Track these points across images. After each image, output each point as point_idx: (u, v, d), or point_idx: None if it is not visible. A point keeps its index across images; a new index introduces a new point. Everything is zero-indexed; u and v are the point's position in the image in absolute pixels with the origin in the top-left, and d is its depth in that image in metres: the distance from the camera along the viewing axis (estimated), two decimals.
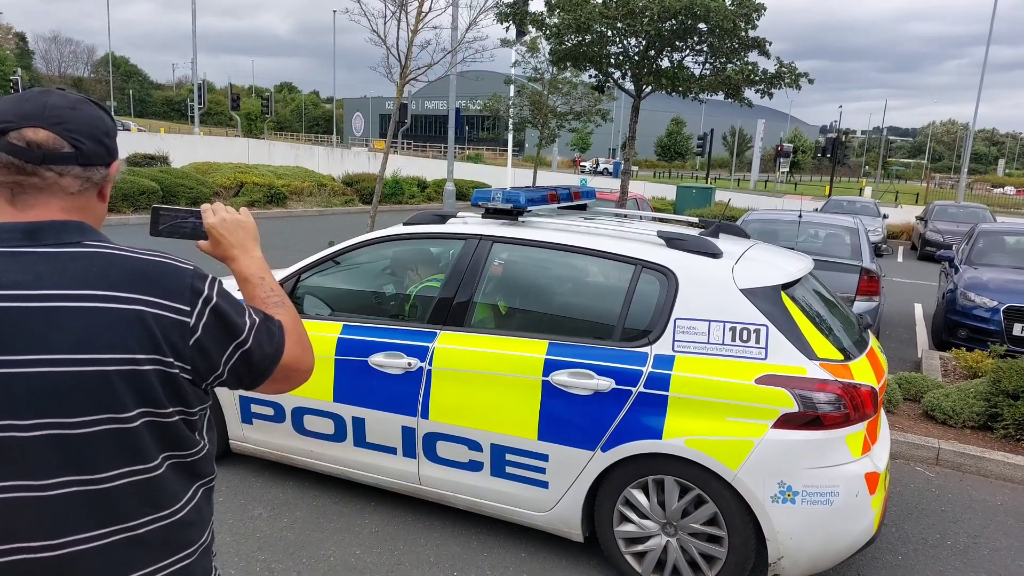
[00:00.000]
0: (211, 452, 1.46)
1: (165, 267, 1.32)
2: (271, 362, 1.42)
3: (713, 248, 3.56)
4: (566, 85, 24.11)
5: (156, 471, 1.32)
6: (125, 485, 1.29)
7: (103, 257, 1.28)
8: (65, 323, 1.21)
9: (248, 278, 1.55)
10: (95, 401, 1.23)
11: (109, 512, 1.28)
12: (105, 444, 1.25)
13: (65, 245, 1.27)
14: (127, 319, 1.24)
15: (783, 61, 13.75)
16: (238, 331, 1.37)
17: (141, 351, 1.25)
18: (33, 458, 1.21)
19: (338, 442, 4.05)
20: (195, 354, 1.31)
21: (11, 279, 1.21)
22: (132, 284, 1.27)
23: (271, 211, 19.83)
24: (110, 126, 1.38)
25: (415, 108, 73.59)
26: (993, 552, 4.15)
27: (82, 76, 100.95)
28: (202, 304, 1.32)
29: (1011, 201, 43.95)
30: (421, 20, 11.22)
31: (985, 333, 7.95)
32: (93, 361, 1.22)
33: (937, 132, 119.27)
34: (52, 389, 1.20)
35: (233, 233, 1.58)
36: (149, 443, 1.30)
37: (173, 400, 1.31)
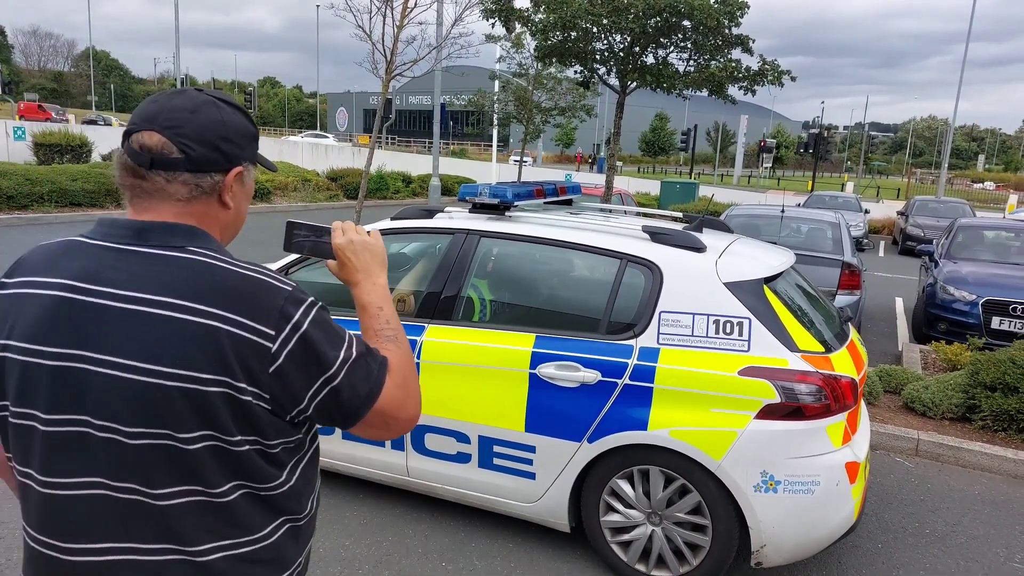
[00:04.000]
0: (301, 489, 1.35)
1: (258, 284, 1.23)
2: (363, 404, 1.29)
3: (697, 243, 3.61)
4: (551, 81, 24.15)
5: (223, 498, 1.24)
6: (183, 505, 1.22)
7: (196, 265, 1.22)
8: (139, 329, 1.18)
9: (366, 306, 1.45)
10: (154, 414, 1.18)
11: (163, 530, 1.23)
12: (160, 460, 1.20)
13: (169, 248, 1.23)
14: (197, 334, 1.17)
15: (766, 58, 13.87)
16: (327, 364, 1.24)
17: (207, 370, 1.17)
18: (100, 456, 1.21)
19: (327, 435, 4.08)
20: (274, 383, 1.21)
21: (109, 276, 1.21)
22: (215, 297, 1.19)
23: (255, 206, 19.75)
24: (232, 131, 1.30)
25: (399, 103, 73.41)
26: (970, 540, 4.24)
27: (62, 70, 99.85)
28: (290, 330, 1.21)
29: (990, 196, 44.43)
30: (406, 16, 11.22)
31: (964, 326, 8.07)
32: (157, 373, 1.17)
33: (918, 128, 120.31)
34: (117, 395, 1.18)
35: (359, 256, 1.48)
36: (213, 468, 1.22)
37: (243, 428, 1.22)
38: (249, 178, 1.36)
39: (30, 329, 1.22)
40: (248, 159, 1.34)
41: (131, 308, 1.18)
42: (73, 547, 1.25)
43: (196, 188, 1.27)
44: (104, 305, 1.19)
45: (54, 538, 1.26)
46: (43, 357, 1.21)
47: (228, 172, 1.30)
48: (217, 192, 1.29)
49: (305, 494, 1.37)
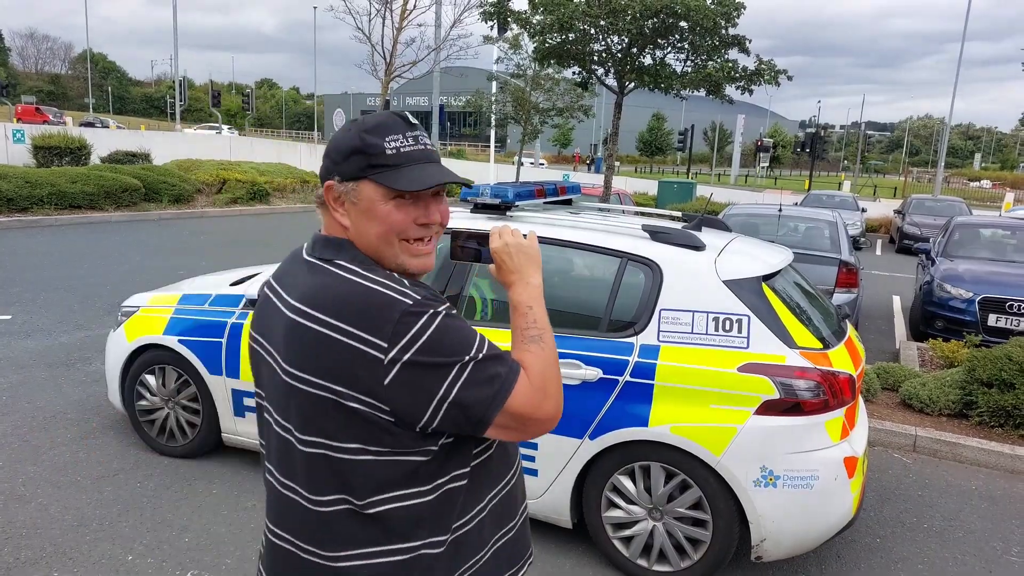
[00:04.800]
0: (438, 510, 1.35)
1: (377, 297, 1.26)
2: (490, 408, 1.28)
3: (696, 241, 3.66)
4: (548, 81, 24.20)
5: (321, 507, 1.32)
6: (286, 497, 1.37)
7: (329, 277, 1.30)
8: (282, 329, 1.31)
9: (517, 306, 1.46)
10: (285, 406, 1.32)
11: (317, 536, 1.33)
12: (283, 449, 1.35)
13: (318, 258, 1.36)
14: (313, 339, 1.25)
15: (762, 58, 13.92)
16: (447, 373, 1.25)
17: (317, 374, 1.25)
18: (277, 454, 1.38)
19: None
20: (392, 394, 1.24)
21: (286, 280, 1.39)
22: (337, 310, 1.25)
23: (254, 208, 19.78)
24: (331, 147, 1.36)
25: (397, 104, 73.43)
26: (968, 534, 4.28)
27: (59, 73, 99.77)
28: (406, 342, 1.23)
29: (987, 195, 44.54)
30: (406, 18, 11.26)
31: (961, 324, 8.13)
32: (286, 371, 1.29)
33: (914, 127, 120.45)
34: (272, 382, 1.35)
35: (514, 258, 1.50)
36: (317, 471, 1.30)
37: (354, 435, 1.27)
38: (360, 198, 1.34)
39: (254, 319, 1.47)
40: (342, 174, 1.35)
41: (281, 309, 1.33)
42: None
43: (319, 199, 1.40)
44: (274, 304, 1.37)
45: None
46: (254, 341, 1.44)
47: (324, 184, 1.38)
48: (329, 207, 1.38)
49: (445, 516, 1.36)
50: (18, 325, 7.35)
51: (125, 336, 4.68)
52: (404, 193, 1.32)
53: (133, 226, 15.40)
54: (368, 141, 1.32)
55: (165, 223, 16.34)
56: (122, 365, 4.67)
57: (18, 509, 3.91)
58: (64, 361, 6.35)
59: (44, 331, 7.20)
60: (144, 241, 13.39)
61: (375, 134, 1.32)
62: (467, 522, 1.39)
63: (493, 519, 1.45)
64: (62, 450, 4.64)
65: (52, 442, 4.74)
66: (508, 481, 1.50)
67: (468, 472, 1.38)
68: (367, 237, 1.35)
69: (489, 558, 1.45)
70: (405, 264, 1.37)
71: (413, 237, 1.36)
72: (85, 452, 4.63)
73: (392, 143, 1.33)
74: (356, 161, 1.33)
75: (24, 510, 3.90)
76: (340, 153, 1.35)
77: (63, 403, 5.41)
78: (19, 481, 4.21)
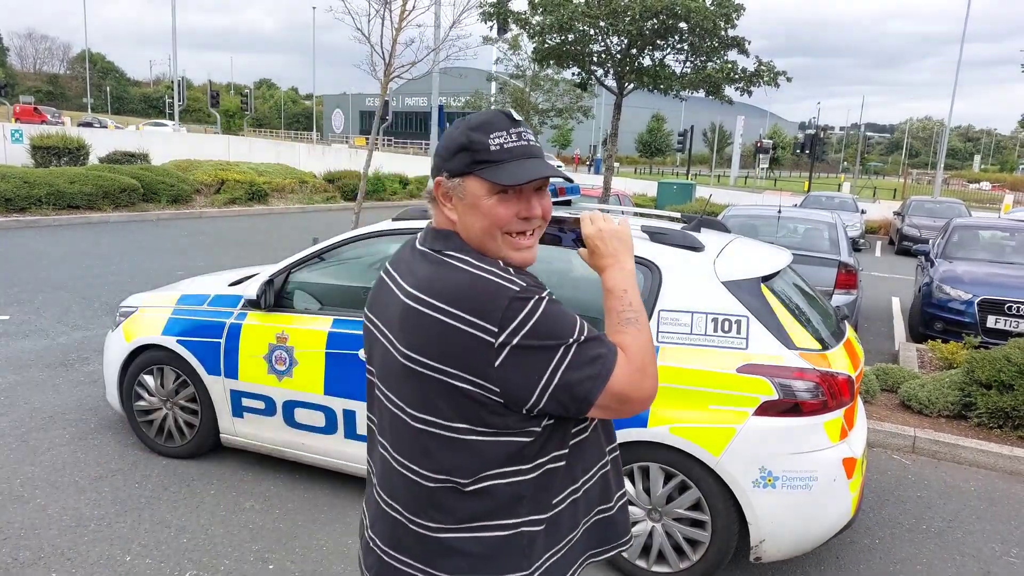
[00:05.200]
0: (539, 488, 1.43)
1: (486, 284, 1.33)
2: (593, 388, 1.34)
3: (695, 242, 3.66)
4: (547, 82, 24.22)
5: (428, 481, 1.40)
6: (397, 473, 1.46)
7: (442, 266, 1.38)
8: (397, 312, 1.39)
9: (612, 289, 1.51)
10: (396, 385, 1.41)
11: (425, 509, 1.42)
12: (396, 426, 1.44)
13: (431, 249, 1.43)
14: (428, 324, 1.32)
15: (762, 59, 13.93)
16: (552, 355, 1.32)
17: (432, 357, 1.33)
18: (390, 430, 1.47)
19: (329, 434, 4.11)
20: (502, 376, 1.31)
21: (400, 267, 1.47)
22: (448, 296, 1.32)
23: (253, 208, 19.77)
24: (440, 144, 1.44)
25: (396, 105, 73.43)
26: (967, 535, 4.28)
27: (58, 73, 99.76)
28: (515, 326, 1.30)
29: (986, 196, 44.58)
30: (405, 18, 11.25)
31: (960, 325, 8.13)
32: (400, 352, 1.38)
33: (914, 128, 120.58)
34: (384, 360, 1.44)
35: (608, 243, 1.55)
36: (430, 448, 1.38)
37: (463, 416, 1.35)
38: (467, 193, 1.40)
39: (368, 301, 1.57)
40: (450, 171, 1.41)
41: (396, 294, 1.42)
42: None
43: (429, 197, 1.48)
44: (390, 288, 1.46)
45: None
46: (368, 320, 1.54)
47: (434, 181, 1.45)
48: (438, 201, 1.45)
49: (544, 494, 1.43)
50: (16, 325, 7.34)
51: (123, 336, 4.67)
52: (507, 188, 1.37)
53: (131, 226, 15.39)
54: (473, 138, 1.37)
55: (163, 223, 16.33)
56: (120, 365, 4.67)
57: (16, 509, 3.90)
58: (62, 361, 6.34)
59: (42, 331, 7.19)
60: (142, 241, 13.38)
61: (480, 131, 1.38)
62: (562, 500, 1.46)
63: (587, 500, 1.52)
64: (60, 450, 4.63)
65: (50, 442, 4.73)
66: (603, 465, 1.57)
67: (566, 453, 1.45)
68: (472, 230, 1.41)
69: (581, 536, 1.53)
70: (508, 257, 1.42)
71: (516, 231, 1.41)
72: (83, 452, 4.62)
73: (496, 139, 1.37)
74: (462, 158, 1.39)
75: (22, 510, 3.90)
76: (448, 151, 1.41)
77: (61, 403, 5.40)
78: (17, 482, 4.21)
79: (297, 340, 4.10)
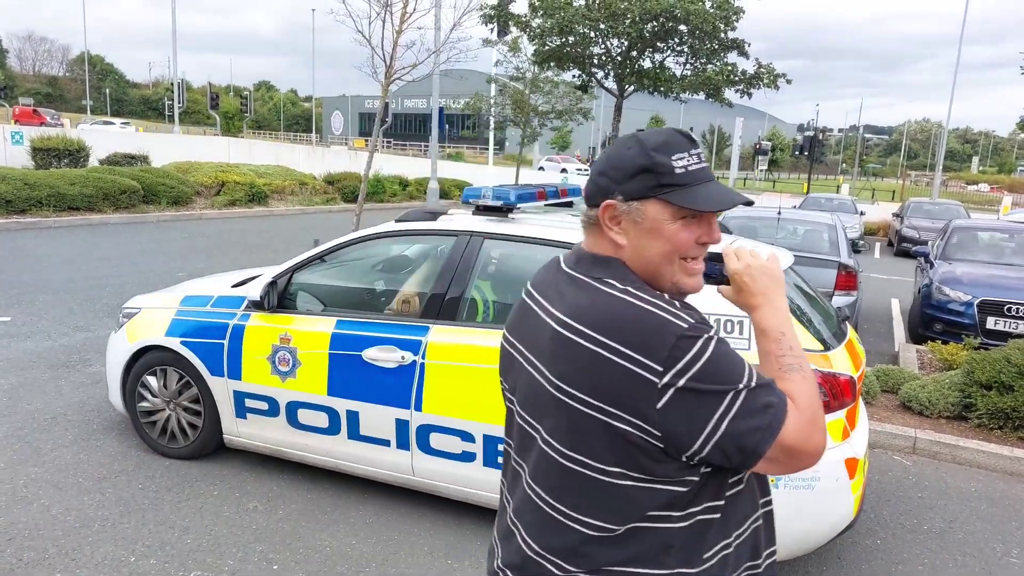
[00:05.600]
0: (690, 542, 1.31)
1: (652, 318, 1.23)
2: (763, 440, 1.23)
3: None
4: (547, 84, 24.25)
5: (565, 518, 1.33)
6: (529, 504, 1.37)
7: (601, 295, 1.28)
8: (547, 340, 1.32)
9: (767, 331, 1.39)
10: (539, 412, 1.33)
11: (569, 552, 1.33)
12: (532, 449, 1.35)
13: (585, 275, 1.35)
14: (584, 357, 1.24)
15: (762, 62, 13.96)
16: (718, 402, 1.21)
17: (585, 391, 1.24)
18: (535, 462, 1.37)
19: (332, 435, 4.13)
20: (664, 420, 1.21)
21: (549, 293, 1.39)
22: (610, 329, 1.23)
23: (253, 210, 19.78)
24: (609, 164, 1.34)
25: (395, 106, 73.42)
26: (968, 535, 4.30)
27: (57, 75, 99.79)
28: (681, 367, 1.19)
29: (984, 198, 44.64)
30: (405, 21, 11.28)
31: (960, 326, 8.14)
32: (550, 382, 1.29)
33: (912, 130, 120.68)
34: (527, 386, 1.37)
35: (757, 280, 1.44)
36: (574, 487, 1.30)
37: (618, 458, 1.26)
38: (644, 217, 1.32)
39: (508, 322, 1.52)
40: (626, 193, 1.32)
41: (545, 319, 1.34)
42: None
43: (588, 219, 1.39)
44: (535, 312, 1.39)
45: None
46: (507, 343, 1.49)
47: (598, 207, 1.35)
48: (602, 225, 1.36)
49: (695, 547, 1.32)
50: (18, 327, 7.35)
51: (127, 337, 4.68)
52: (693, 212, 1.31)
53: (132, 228, 15.40)
54: (657, 160, 1.30)
55: (163, 225, 16.33)
56: (123, 366, 4.68)
57: (20, 510, 3.91)
58: (64, 363, 6.35)
59: (44, 333, 7.20)
60: (143, 243, 13.39)
61: (662, 152, 1.31)
62: (714, 555, 1.34)
63: (737, 556, 1.39)
64: (63, 451, 4.64)
65: (53, 443, 4.74)
66: (755, 519, 1.44)
67: (722, 504, 1.34)
68: (647, 256, 1.33)
69: None
70: (681, 283, 1.36)
71: (691, 256, 1.35)
72: (86, 453, 4.63)
73: (679, 161, 1.31)
74: (644, 180, 1.30)
75: (26, 511, 3.91)
76: (623, 172, 1.32)
77: (64, 405, 5.41)
78: (21, 483, 4.22)
79: (300, 341, 4.12)
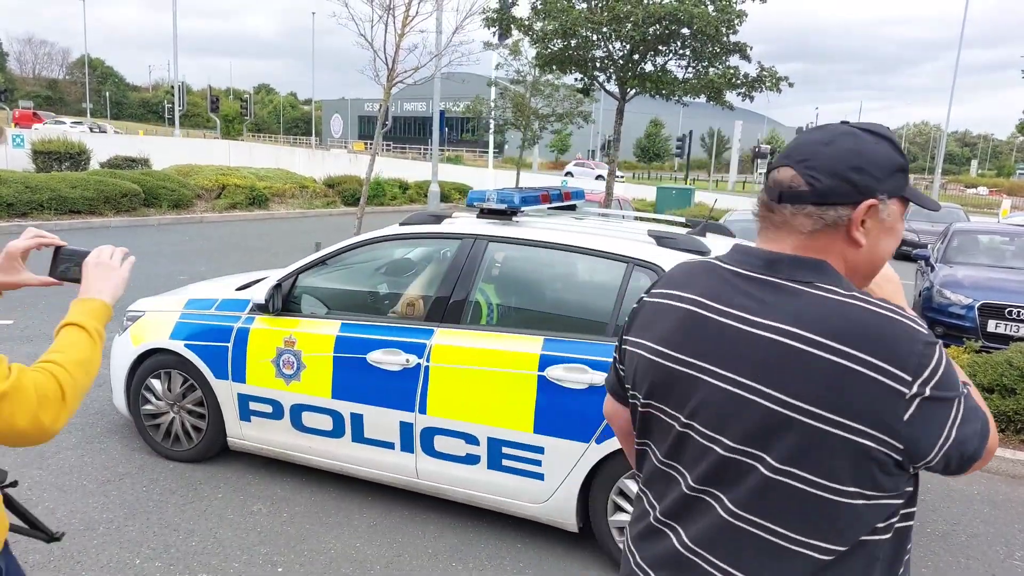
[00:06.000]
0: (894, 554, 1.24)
1: (896, 326, 1.15)
2: (980, 445, 1.20)
3: (701, 246, 3.68)
4: (548, 87, 24.29)
5: (791, 543, 1.21)
6: (750, 533, 1.23)
7: (829, 302, 1.19)
8: (763, 353, 1.20)
9: None
10: (755, 434, 1.20)
11: (766, 570, 1.23)
12: (740, 475, 1.22)
13: (795, 281, 1.23)
14: (824, 369, 1.14)
15: (764, 65, 13.99)
16: (951, 409, 1.16)
17: (826, 407, 1.14)
18: (730, 480, 1.24)
19: (336, 438, 4.13)
20: (909, 431, 1.13)
21: (740, 302, 1.26)
22: (850, 337, 1.15)
23: (253, 213, 19.79)
24: (867, 160, 1.23)
25: (395, 110, 73.54)
26: (971, 538, 4.30)
27: (57, 78, 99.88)
28: (927, 375, 1.13)
29: (984, 201, 44.68)
30: (408, 24, 11.30)
31: (961, 330, 8.15)
32: (774, 399, 1.18)
33: (911, 133, 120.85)
34: (725, 408, 1.23)
35: (883, 288, 1.43)
36: (796, 509, 1.19)
37: (854, 477, 1.16)
38: (890, 215, 1.26)
39: (662, 334, 1.34)
40: (888, 192, 1.24)
41: (757, 333, 1.21)
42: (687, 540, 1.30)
43: (819, 221, 1.24)
44: (727, 324, 1.25)
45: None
46: (668, 360, 1.31)
47: (857, 205, 1.23)
48: (844, 226, 1.24)
49: (896, 559, 1.26)
50: (20, 330, 7.35)
51: (131, 340, 4.69)
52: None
53: (133, 231, 15.40)
54: (903, 158, 1.27)
55: (164, 228, 16.34)
56: (128, 369, 4.68)
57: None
58: None
59: (46, 336, 7.20)
60: (144, 246, 13.39)
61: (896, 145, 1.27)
62: (903, 564, 1.29)
63: (907, 567, 1.33)
64: (67, 454, 4.65)
65: (57, 446, 4.74)
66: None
67: (915, 511, 1.29)
68: (878, 255, 1.29)
69: None
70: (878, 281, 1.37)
71: None
72: (90, 456, 4.64)
73: None
74: (900, 178, 1.25)
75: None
76: (885, 170, 1.24)
77: None
78: (25, 485, 4.22)
79: (305, 344, 4.12)
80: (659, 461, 1.36)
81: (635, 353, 1.39)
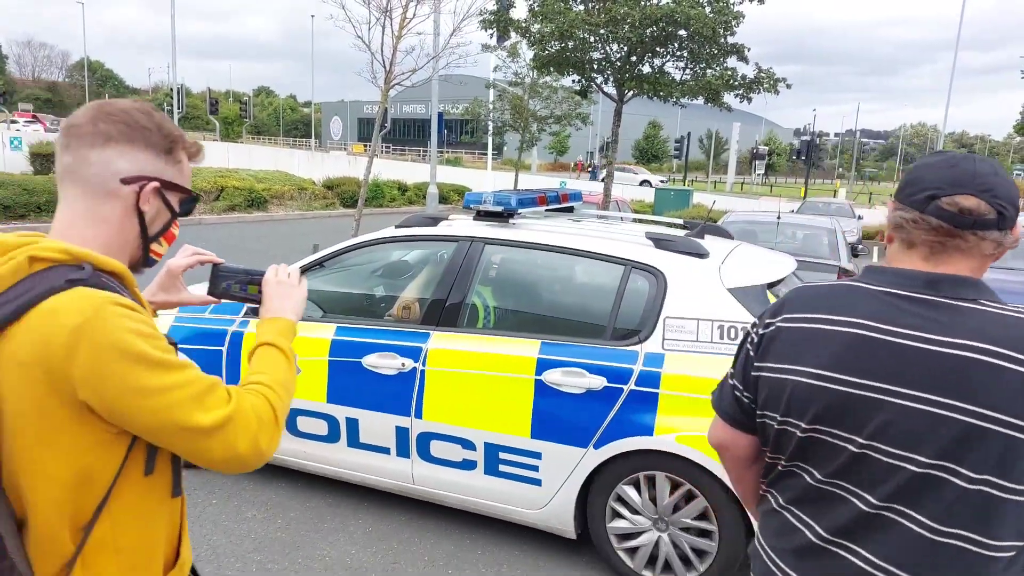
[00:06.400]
0: None
1: None
2: None
3: (700, 249, 3.64)
4: (546, 89, 24.27)
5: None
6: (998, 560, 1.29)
7: (1005, 317, 1.31)
8: (947, 368, 1.27)
9: None
10: (985, 457, 1.25)
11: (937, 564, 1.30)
12: (988, 508, 1.27)
13: (960, 299, 1.33)
14: (1015, 381, 1.23)
15: (761, 67, 13.96)
16: None
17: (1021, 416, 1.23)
18: (924, 495, 1.29)
19: (331, 443, 4.09)
20: None
21: (910, 322, 1.32)
22: None
23: (252, 215, 19.76)
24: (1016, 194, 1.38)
25: (394, 112, 73.48)
26: None
27: (57, 81, 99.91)
28: None
29: None
30: (405, 26, 11.27)
31: None
32: (971, 412, 1.25)
33: (908, 135, 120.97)
34: (911, 425, 1.28)
35: None
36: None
37: None
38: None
39: (827, 359, 1.36)
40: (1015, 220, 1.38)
41: (940, 351, 1.28)
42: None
43: (998, 245, 1.35)
44: (905, 345, 1.31)
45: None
46: (839, 384, 1.35)
47: (1012, 230, 1.36)
48: (1003, 247, 1.37)
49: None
50: None
51: None
52: None
53: None
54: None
55: None
56: None
57: None
58: None
59: None
60: None
61: None
62: None
63: None
64: None
65: None
66: None
67: None
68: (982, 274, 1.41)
69: None
70: None
71: None
72: None
73: None
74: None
75: None
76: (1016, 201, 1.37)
77: None
78: None
79: (299, 348, 4.08)
80: (818, 481, 1.40)
81: (785, 380, 1.41)
